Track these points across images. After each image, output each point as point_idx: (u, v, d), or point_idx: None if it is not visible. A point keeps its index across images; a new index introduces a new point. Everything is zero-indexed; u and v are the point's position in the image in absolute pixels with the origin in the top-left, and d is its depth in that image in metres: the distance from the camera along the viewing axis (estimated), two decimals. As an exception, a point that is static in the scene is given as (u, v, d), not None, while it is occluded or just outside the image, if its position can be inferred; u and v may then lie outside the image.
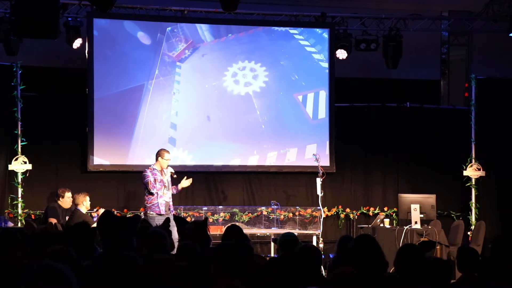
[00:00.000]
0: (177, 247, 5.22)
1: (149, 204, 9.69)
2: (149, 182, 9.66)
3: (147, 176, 9.72)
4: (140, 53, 11.33)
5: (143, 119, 11.26)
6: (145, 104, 11.29)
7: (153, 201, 9.67)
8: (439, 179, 11.92)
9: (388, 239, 9.76)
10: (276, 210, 11.03)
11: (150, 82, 11.31)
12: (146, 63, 11.33)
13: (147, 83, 11.30)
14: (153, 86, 11.32)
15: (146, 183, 9.69)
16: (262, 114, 11.67)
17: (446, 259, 9.63)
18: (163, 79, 11.38)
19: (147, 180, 9.68)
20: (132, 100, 11.27)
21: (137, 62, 11.31)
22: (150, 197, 9.70)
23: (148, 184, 9.66)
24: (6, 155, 10.75)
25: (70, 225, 8.43)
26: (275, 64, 11.78)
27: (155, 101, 11.33)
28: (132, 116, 11.25)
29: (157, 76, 11.34)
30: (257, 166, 11.71)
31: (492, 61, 12.81)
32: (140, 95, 11.29)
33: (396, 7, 12.33)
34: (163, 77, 11.37)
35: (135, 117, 11.25)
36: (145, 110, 11.28)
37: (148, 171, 9.76)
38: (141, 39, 11.33)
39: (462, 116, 11.99)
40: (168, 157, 9.85)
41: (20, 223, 10.35)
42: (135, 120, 11.25)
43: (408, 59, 12.11)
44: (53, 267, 2.71)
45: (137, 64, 11.31)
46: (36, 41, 10.30)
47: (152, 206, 9.67)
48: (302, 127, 11.78)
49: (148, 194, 9.72)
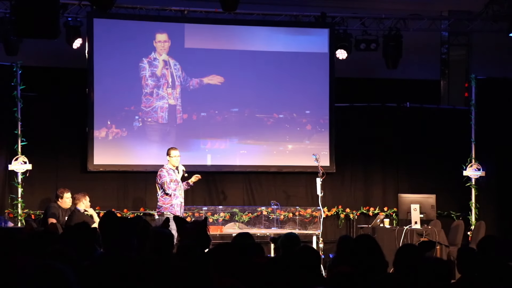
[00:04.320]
0: (177, 247, 5.22)
1: (166, 205, 9.57)
2: (165, 182, 9.55)
3: (163, 176, 9.60)
4: (140, 53, 11.32)
5: (143, 119, 11.27)
6: (145, 104, 11.30)
7: (171, 201, 9.59)
8: (439, 179, 11.92)
9: (388, 239, 9.77)
10: (276, 210, 11.02)
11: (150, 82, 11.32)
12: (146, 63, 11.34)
13: (147, 83, 11.30)
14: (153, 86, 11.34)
15: (163, 183, 9.56)
16: (261, 112, 11.68)
17: (446, 259, 9.63)
18: (163, 79, 11.38)
19: (164, 180, 9.57)
20: (132, 100, 11.27)
21: (137, 62, 11.30)
22: (167, 198, 9.59)
23: (164, 185, 9.56)
24: (6, 155, 10.75)
25: (70, 225, 8.44)
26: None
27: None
28: (132, 116, 11.25)
29: (157, 76, 11.35)
30: (257, 166, 11.71)
31: (492, 61, 12.81)
32: (140, 95, 11.29)
33: (396, 7, 12.33)
34: (163, 77, 11.38)
35: (135, 117, 11.25)
36: (145, 110, 11.29)
37: (164, 171, 9.65)
38: (141, 39, 11.33)
39: (462, 116, 11.98)
40: (175, 154, 9.78)
41: (20, 223, 10.34)
42: (135, 120, 11.25)
43: (408, 59, 12.11)
44: (53, 267, 2.71)
45: (137, 64, 11.30)
46: (36, 41, 10.29)
47: (170, 207, 9.58)
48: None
49: (164, 194, 9.60)
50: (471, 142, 11.77)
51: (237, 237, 5.86)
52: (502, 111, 11.95)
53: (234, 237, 6.02)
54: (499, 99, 12.00)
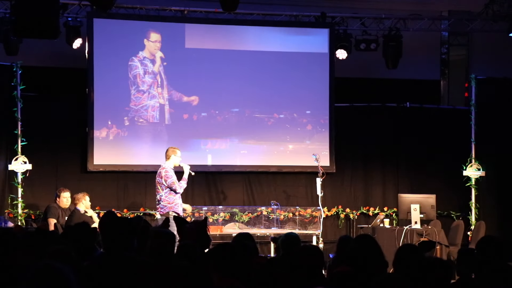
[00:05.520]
0: (177, 247, 5.22)
1: (171, 204, 9.49)
2: (175, 182, 9.47)
3: (170, 176, 9.51)
4: (141, 53, 11.33)
5: (143, 119, 11.27)
6: (146, 104, 11.30)
7: (175, 200, 9.55)
8: (439, 179, 11.92)
9: (388, 239, 9.76)
10: (276, 210, 11.03)
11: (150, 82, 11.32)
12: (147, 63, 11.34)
13: (147, 83, 11.30)
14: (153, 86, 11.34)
15: (172, 183, 9.46)
16: (261, 112, 11.69)
17: (446, 259, 9.63)
18: (163, 79, 11.38)
19: (172, 180, 9.48)
20: (133, 100, 11.27)
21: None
22: (171, 197, 9.50)
23: (173, 184, 9.46)
24: (6, 155, 10.75)
25: (70, 225, 8.44)
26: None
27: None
28: (132, 116, 11.25)
29: (157, 76, 11.35)
30: (257, 166, 11.72)
31: (492, 61, 12.82)
32: (140, 95, 11.29)
33: (396, 7, 12.34)
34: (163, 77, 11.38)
35: (135, 117, 11.25)
36: (145, 110, 11.29)
37: (170, 170, 9.60)
38: (141, 39, 11.33)
39: (462, 116, 11.99)
40: (180, 154, 9.81)
41: (20, 223, 10.35)
42: (135, 120, 11.25)
43: (408, 59, 12.11)
44: (53, 267, 2.72)
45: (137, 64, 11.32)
46: (36, 41, 10.29)
47: (175, 206, 9.52)
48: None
49: (169, 193, 9.50)
50: (471, 142, 11.77)
51: (237, 237, 5.86)
52: (502, 111, 11.96)
53: (234, 237, 6.03)
54: (499, 99, 12.01)
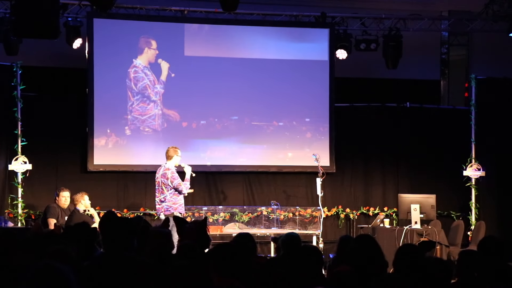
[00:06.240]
0: (177, 247, 5.22)
1: (176, 205, 9.48)
2: (180, 183, 9.47)
3: (176, 177, 9.51)
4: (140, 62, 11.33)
5: (143, 119, 11.27)
6: (146, 104, 11.30)
7: (180, 201, 9.55)
8: (439, 179, 11.92)
9: (388, 239, 9.76)
10: (276, 210, 11.03)
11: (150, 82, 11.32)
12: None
13: (147, 83, 11.30)
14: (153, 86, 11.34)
15: (178, 184, 9.45)
16: (260, 120, 11.68)
17: (446, 259, 9.63)
18: (163, 79, 11.38)
19: (179, 181, 9.48)
20: (136, 109, 11.27)
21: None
22: (176, 198, 9.50)
23: (180, 185, 9.45)
24: (6, 155, 10.75)
25: (70, 225, 8.44)
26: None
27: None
28: (132, 115, 11.25)
29: (157, 84, 11.35)
30: (257, 166, 11.71)
31: (492, 61, 12.82)
32: (140, 95, 11.29)
33: (396, 7, 12.34)
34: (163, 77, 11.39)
35: (136, 117, 11.25)
36: (145, 110, 11.29)
37: (174, 170, 9.59)
38: (141, 39, 11.33)
39: (462, 116, 11.99)
40: (180, 153, 9.79)
41: (20, 223, 10.35)
42: (135, 120, 11.25)
43: (408, 59, 12.11)
44: (53, 267, 2.72)
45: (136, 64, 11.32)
46: (36, 41, 10.29)
47: (179, 207, 9.52)
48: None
49: (173, 194, 9.48)
50: (471, 142, 11.77)
51: (237, 237, 5.86)
52: (502, 111, 11.95)
53: (234, 237, 6.03)
54: (499, 99, 12.00)
